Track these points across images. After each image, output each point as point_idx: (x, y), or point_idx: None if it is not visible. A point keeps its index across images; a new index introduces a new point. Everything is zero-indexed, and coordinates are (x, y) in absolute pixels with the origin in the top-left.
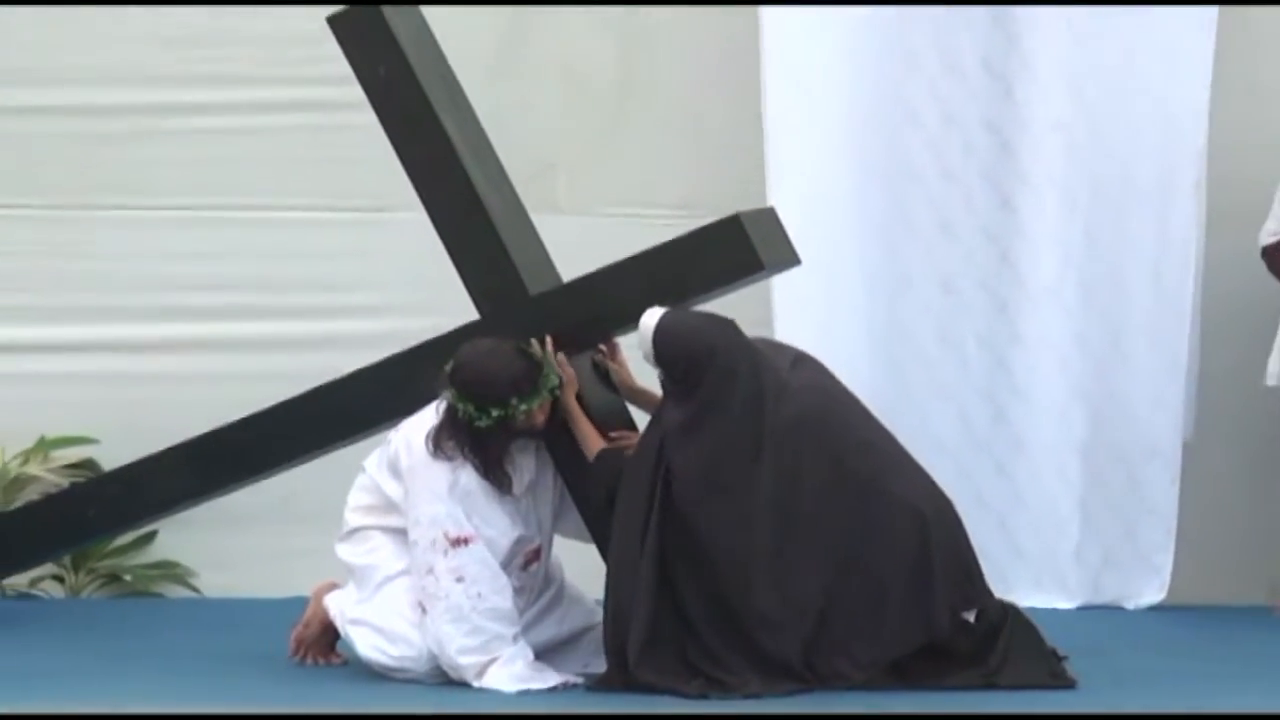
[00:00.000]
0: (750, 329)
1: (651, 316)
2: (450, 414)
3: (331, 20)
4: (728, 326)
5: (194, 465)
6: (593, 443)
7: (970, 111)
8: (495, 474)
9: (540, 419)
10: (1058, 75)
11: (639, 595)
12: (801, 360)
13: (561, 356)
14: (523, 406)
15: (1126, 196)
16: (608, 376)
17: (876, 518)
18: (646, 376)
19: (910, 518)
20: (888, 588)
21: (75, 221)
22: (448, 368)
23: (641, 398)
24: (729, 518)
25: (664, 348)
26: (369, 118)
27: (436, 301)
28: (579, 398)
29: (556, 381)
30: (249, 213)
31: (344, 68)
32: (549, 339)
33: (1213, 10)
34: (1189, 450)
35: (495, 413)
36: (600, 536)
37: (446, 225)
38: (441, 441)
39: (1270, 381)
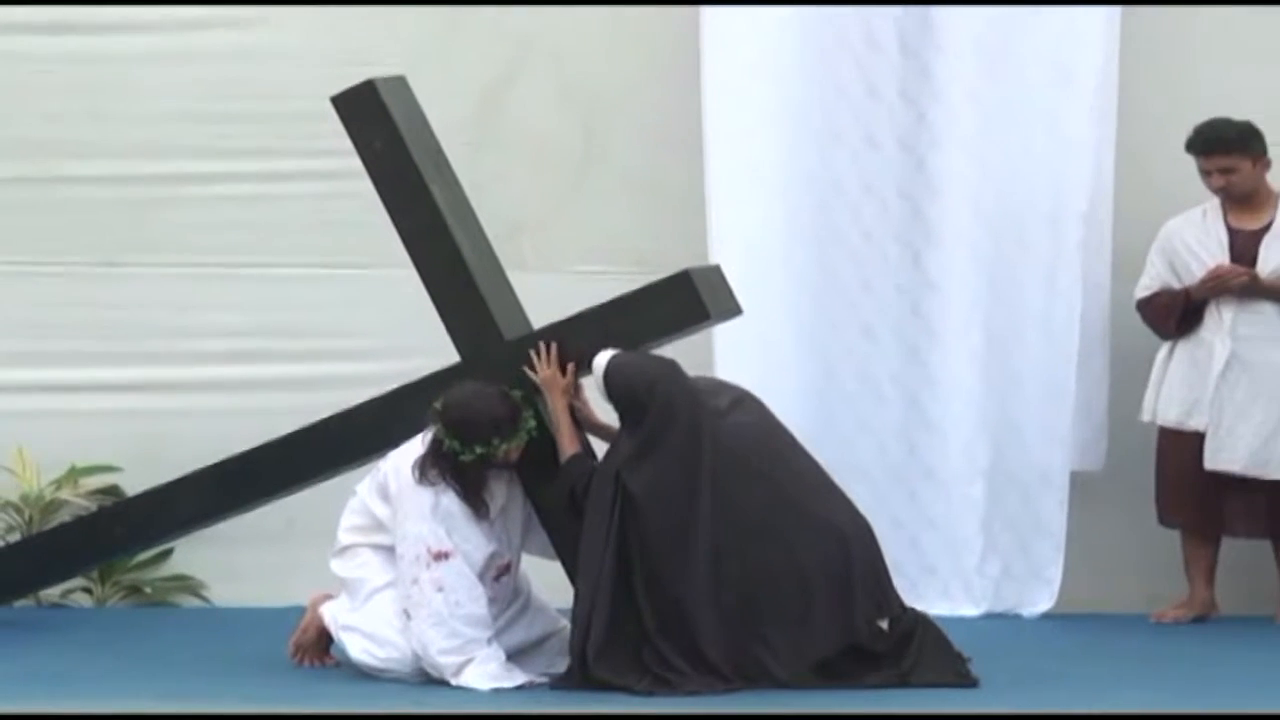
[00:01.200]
0: (696, 372)
1: (602, 358)
2: (436, 446)
3: (335, 100)
4: (668, 366)
5: (207, 491)
6: (569, 446)
7: (886, 182)
8: (473, 500)
9: (515, 455)
10: (962, 149)
11: (599, 604)
12: (743, 398)
13: (571, 366)
14: (503, 446)
15: (1022, 255)
16: (574, 413)
17: (803, 536)
18: (608, 413)
19: (832, 537)
20: (812, 597)
21: (108, 278)
22: (437, 405)
23: (603, 432)
24: (674, 534)
25: (612, 385)
26: (365, 185)
27: (423, 346)
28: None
29: (534, 424)
30: (259, 269)
31: (344, 142)
32: (554, 346)
33: (1111, 101)
34: (1091, 476)
35: (478, 449)
36: (563, 553)
37: (433, 280)
38: (426, 469)
39: (1145, 417)
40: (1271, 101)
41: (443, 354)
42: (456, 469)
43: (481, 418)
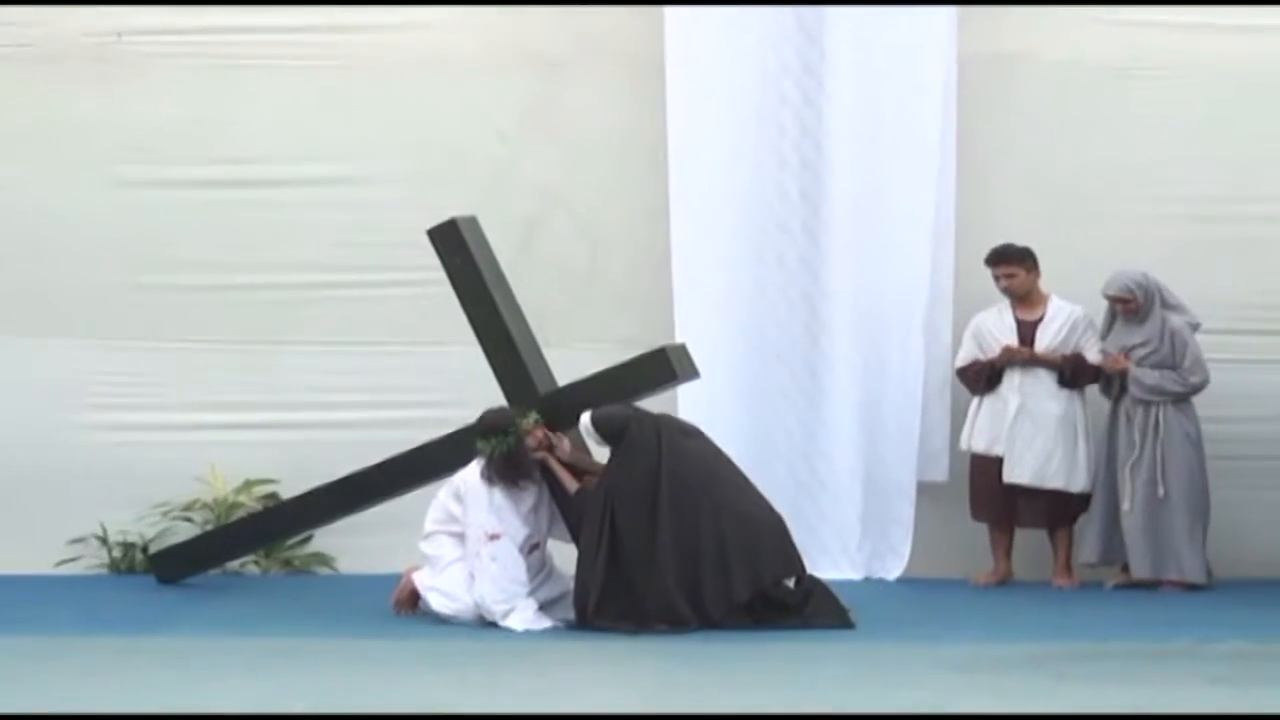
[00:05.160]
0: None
1: (585, 416)
2: (487, 459)
3: (430, 232)
4: (634, 409)
5: (336, 496)
6: (570, 485)
7: (793, 290)
8: (512, 489)
9: (539, 434)
10: (844, 267)
11: (595, 574)
12: (695, 430)
13: (553, 439)
14: (521, 423)
15: (884, 338)
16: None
17: (725, 519)
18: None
19: (746, 521)
20: (728, 559)
21: (270, 352)
22: (479, 429)
23: (582, 461)
24: (644, 516)
25: (599, 429)
26: (445, 290)
27: (481, 399)
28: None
29: (538, 415)
30: (372, 346)
31: (431, 260)
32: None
33: (950, 235)
34: (937, 485)
35: (507, 434)
36: (576, 538)
37: (490, 353)
38: (486, 471)
39: (962, 446)
40: (1064, 229)
41: (495, 403)
42: (501, 469)
43: (498, 417)
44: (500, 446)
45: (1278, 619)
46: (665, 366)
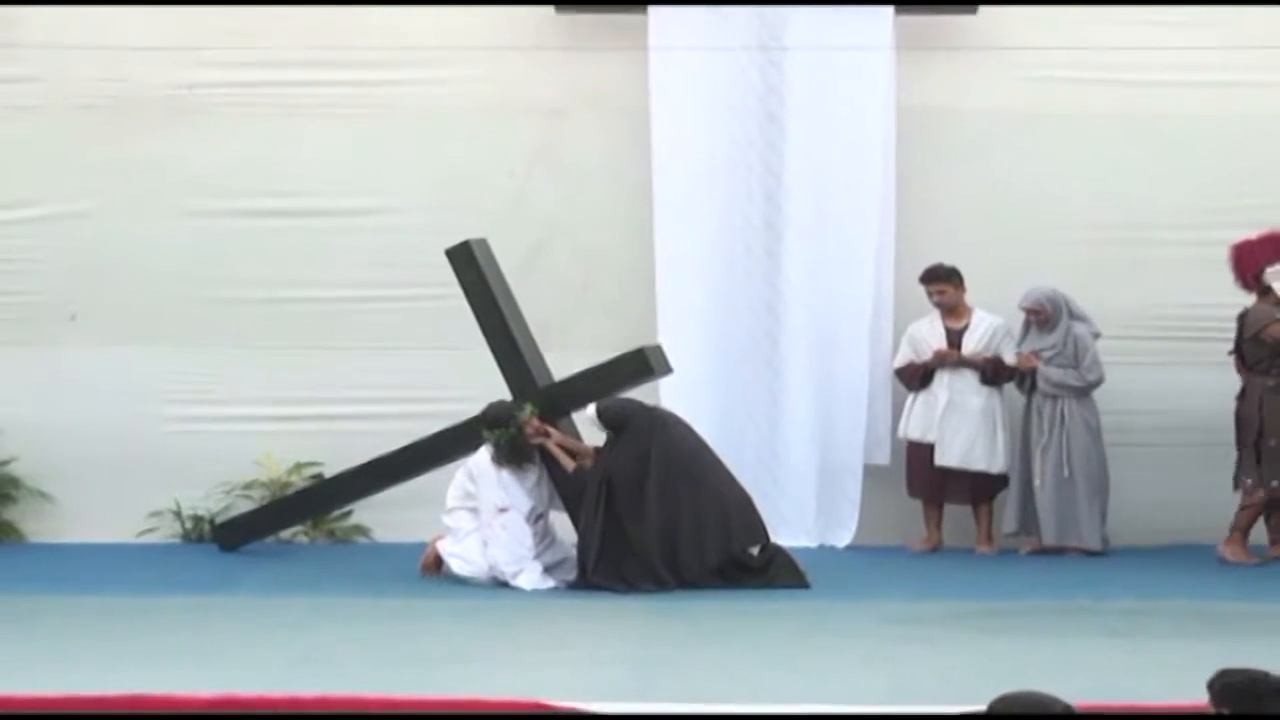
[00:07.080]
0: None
1: (591, 406)
2: (494, 445)
3: (448, 251)
4: (634, 401)
5: (371, 475)
6: (568, 465)
7: (758, 299)
8: (516, 470)
9: (536, 424)
10: (801, 279)
11: (594, 540)
12: (679, 421)
13: (547, 428)
14: (520, 415)
15: (834, 340)
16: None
17: (708, 502)
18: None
19: (717, 499)
20: (704, 532)
21: (313, 356)
22: (484, 421)
23: (572, 442)
24: (635, 495)
25: (603, 418)
26: (460, 303)
27: (489, 394)
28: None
29: (533, 408)
30: (398, 350)
31: (451, 277)
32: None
33: (890, 257)
34: (881, 468)
35: (509, 424)
36: (571, 513)
37: (497, 354)
38: (494, 456)
39: (901, 434)
40: (992, 256)
41: (499, 398)
42: (507, 453)
43: (500, 409)
44: (503, 435)
45: (1163, 580)
46: (643, 364)
